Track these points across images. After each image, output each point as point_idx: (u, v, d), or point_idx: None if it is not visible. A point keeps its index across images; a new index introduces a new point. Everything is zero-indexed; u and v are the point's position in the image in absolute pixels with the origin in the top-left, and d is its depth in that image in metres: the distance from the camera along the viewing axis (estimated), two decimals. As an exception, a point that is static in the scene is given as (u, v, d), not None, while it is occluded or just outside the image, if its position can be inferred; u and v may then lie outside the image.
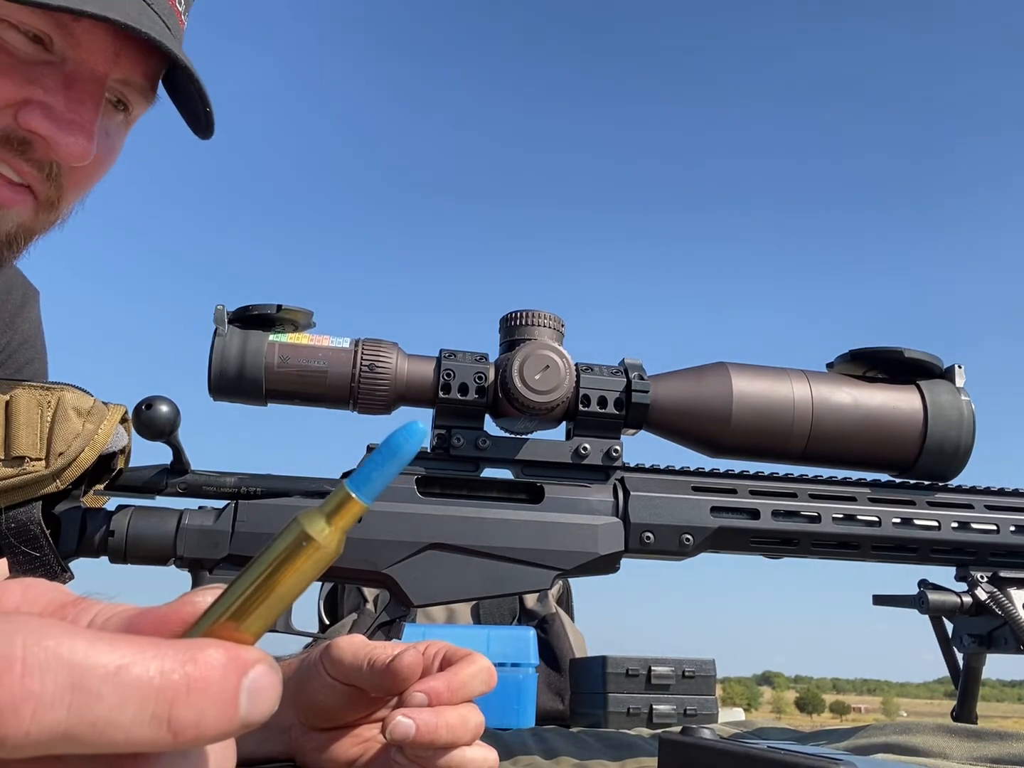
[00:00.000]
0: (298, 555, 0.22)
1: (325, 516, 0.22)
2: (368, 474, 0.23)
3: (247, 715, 0.20)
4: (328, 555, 0.22)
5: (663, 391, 0.67)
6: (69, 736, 0.18)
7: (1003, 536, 0.69)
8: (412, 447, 0.23)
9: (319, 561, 0.22)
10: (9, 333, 0.88)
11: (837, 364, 0.72)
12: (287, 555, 0.22)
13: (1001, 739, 0.59)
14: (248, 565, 0.22)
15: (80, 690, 0.18)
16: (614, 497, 0.65)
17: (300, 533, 0.22)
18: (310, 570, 0.22)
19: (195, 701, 0.19)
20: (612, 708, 1.16)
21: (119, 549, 0.58)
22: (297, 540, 0.22)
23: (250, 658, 0.21)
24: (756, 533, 0.66)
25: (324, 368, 0.62)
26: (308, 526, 0.22)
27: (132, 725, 0.19)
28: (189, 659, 0.20)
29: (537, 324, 0.66)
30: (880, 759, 0.58)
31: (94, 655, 0.19)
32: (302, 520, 0.22)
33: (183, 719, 0.19)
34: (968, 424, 0.69)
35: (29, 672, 0.18)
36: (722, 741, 0.44)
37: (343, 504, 0.22)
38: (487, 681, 0.49)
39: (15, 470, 0.54)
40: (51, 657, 0.18)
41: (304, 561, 0.22)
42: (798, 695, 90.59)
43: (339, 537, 0.22)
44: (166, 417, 0.55)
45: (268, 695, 0.21)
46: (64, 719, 0.18)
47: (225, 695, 0.20)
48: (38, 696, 0.18)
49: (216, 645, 0.21)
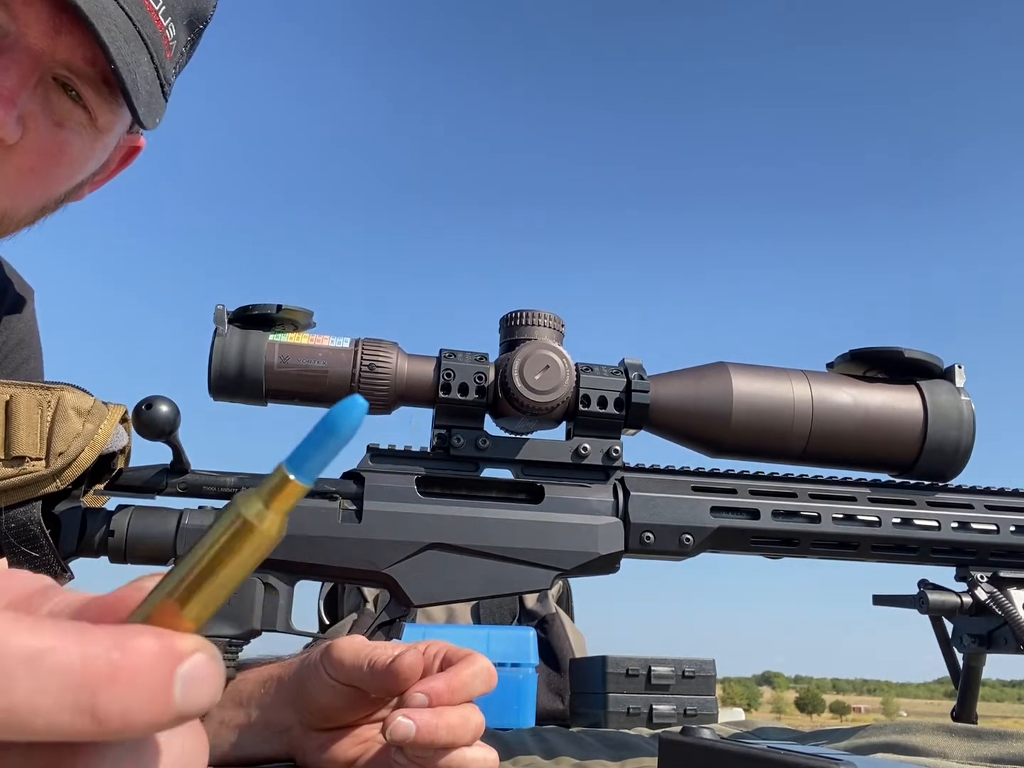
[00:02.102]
0: (236, 539, 0.21)
1: (262, 499, 0.21)
2: (305, 453, 0.21)
3: (182, 706, 0.19)
4: (269, 539, 0.21)
5: (663, 391, 0.67)
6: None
7: (1003, 536, 0.69)
8: (352, 423, 0.21)
9: (259, 546, 0.21)
10: (4, 333, 0.87)
11: (837, 364, 0.72)
12: (225, 539, 0.21)
13: (1001, 739, 0.59)
14: (188, 549, 0.21)
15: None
16: (614, 497, 0.65)
17: (236, 516, 0.21)
18: (250, 555, 0.21)
19: (121, 690, 0.18)
20: (612, 708, 1.16)
21: (119, 549, 0.58)
22: (234, 523, 0.21)
23: (186, 647, 0.20)
24: (756, 533, 0.66)
25: (324, 368, 0.62)
26: (245, 509, 0.21)
27: (52, 712, 0.18)
28: (116, 646, 0.19)
29: (537, 324, 0.66)
30: (880, 759, 0.58)
31: (15, 638, 0.18)
32: (239, 503, 0.21)
33: (108, 708, 0.18)
34: (968, 424, 0.70)
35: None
36: (722, 741, 0.44)
37: (281, 486, 0.21)
38: (487, 681, 0.49)
39: (15, 470, 0.54)
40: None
41: (242, 545, 0.21)
42: (798, 695, 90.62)
43: (280, 519, 0.21)
44: (166, 417, 0.55)
45: (206, 685, 0.20)
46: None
47: (156, 684, 0.19)
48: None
49: (149, 632, 0.20)
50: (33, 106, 0.62)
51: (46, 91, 0.63)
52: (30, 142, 0.63)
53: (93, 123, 0.66)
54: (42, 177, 0.66)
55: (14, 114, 0.59)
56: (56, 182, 0.68)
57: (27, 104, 0.61)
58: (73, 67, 0.62)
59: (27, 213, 0.69)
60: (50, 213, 0.73)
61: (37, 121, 0.62)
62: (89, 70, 0.62)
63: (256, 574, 0.59)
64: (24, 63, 0.59)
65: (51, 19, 0.58)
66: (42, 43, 0.59)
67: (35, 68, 0.60)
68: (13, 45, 0.58)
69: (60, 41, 0.60)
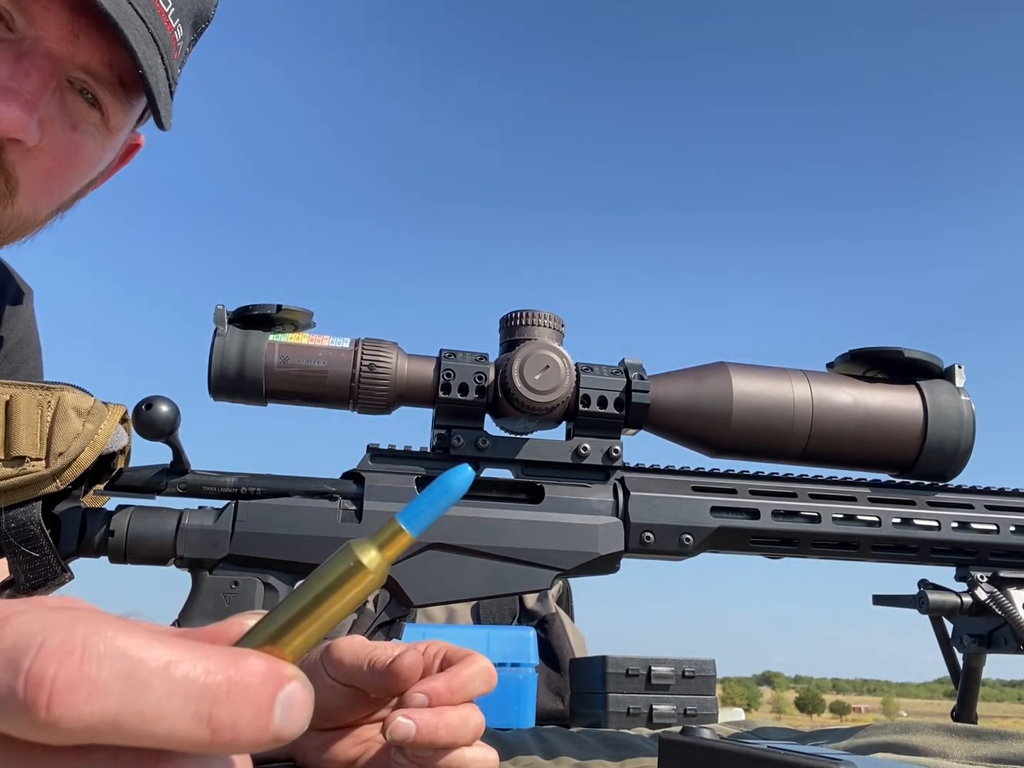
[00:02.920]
0: (348, 581, 0.23)
1: (376, 546, 0.24)
2: (419, 509, 0.24)
3: (280, 726, 0.21)
4: (375, 582, 0.23)
5: (663, 391, 0.67)
6: (117, 724, 0.19)
7: (1003, 536, 0.69)
8: (461, 487, 0.25)
9: (366, 587, 0.23)
10: (3, 332, 0.87)
11: (837, 364, 0.72)
12: (338, 580, 0.23)
13: (1001, 739, 0.59)
14: (298, 587, 0.23)
15: (132, 679, 0.19)
16: (614, 497, 0.65)
17: (352, 560, 0.23)
18: (357, 596, 0.23)
19: (234, 703, 0.20)
20: (612, 708, 1.16)
21: (119, 549, 0.58)
22: (348, 566, 0.23)
23: (287, 673, 0.22)
24: (756, 533, 0.66)
25: (324, 368, 0.62)
26: (360, 553, 0.23)
27: (175, 718, 0.20)
28: (232, 663, 0.21)
29: (537, 324, 0.66)
30: (880, 759, 0.58)
31: (148, 649, 0.20)
32: (354, 548, 0.23)
33: (222, 718, 0.20)
34: (968, 424, 0.70)
35: (88, 659, 0.19)
36: (722, 741, 0.44)
37: (394, 536, 0.24)
38: (487, 681, 0.49)
39: (15, 470, 0.54)
40: (109, 647, 0.19)
41: (353, 587, 0.23)
42: (798, 695, 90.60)
43: (386, 566, 0.24)
44: (166, 417, 0.55)
45: (301, 711, 0.21)
46: (114, 706, 0.19)
47: (262, 703, 0.21)
48: (94, 681, 0.19)
49: (257, 655, 0.21)
50: (52, 109, 0.62)
51: (63, 94, 0.63)
52: (48, 144, 0.63)
53: (106, 124, 0.67)
54: (59, 178, 0.67)
55: (36, 117, 0.60)
56: (71, 183, 0.69)
57: (46, 107, 0.62)
58: (91, 70, 0.62)
59: (46, 215, 0.70)
60: (63, 213, 0.73)
61: (55, 124, 0.63)
62: (106, 72, 0.63)
63: (256, 574, 0.59)
64: (44, 67, 0.59)
65: (70, 23, 0.59)
66: (61, 47, 0.60)
67: (55, 72, 0.60)
68: (33, 49, 0.59)
69: (79, 45, 0.60)
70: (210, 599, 0.58)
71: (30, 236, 0.72)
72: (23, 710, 0.18)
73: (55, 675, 0.19)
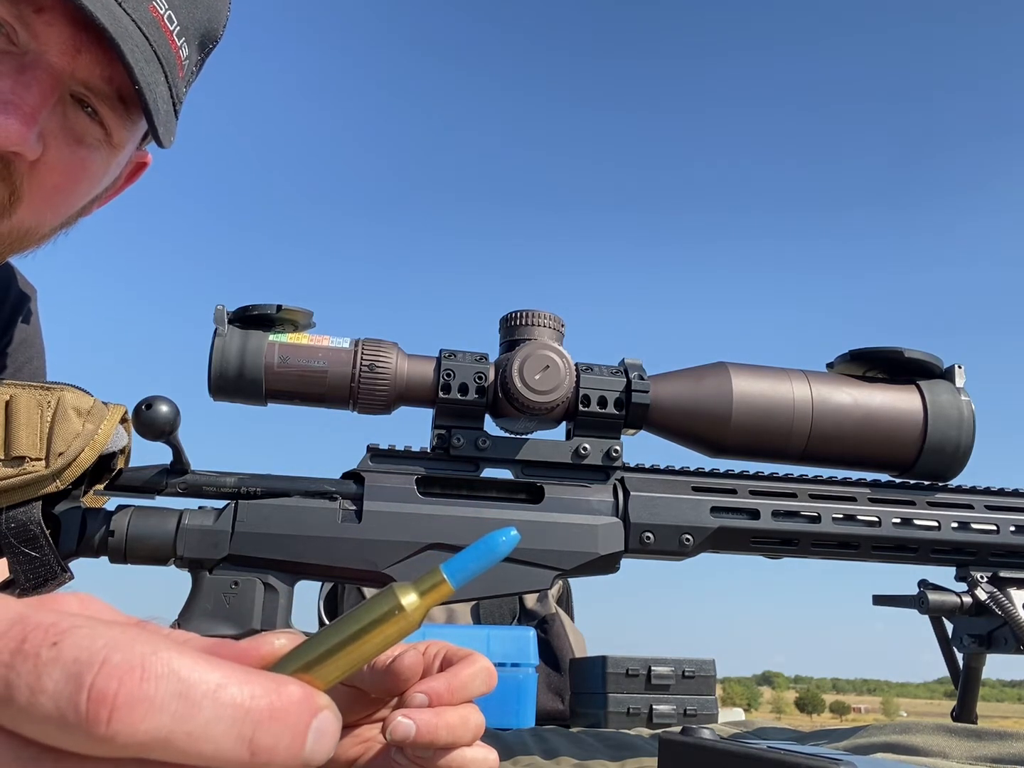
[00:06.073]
0: (387, 620, 0.24)
1: (418, 592, 0.25)
2: (463, 564, 0.26)
3: (311, 752, 0.22)
4: (411, 625, 0.25)
5: (663, 391, 0.67)
6: (168, 741, 0.20)
7: (1003, 536, 0.69)
8: (505, 548, 0.26)
9: (403, 629, 0.25)
10: (8, 332, 0.88)
11: (837, 364, 0.72)
12: (378, 619, 0.24)
13: (1001, 739, 0.59)
14: (337, 620, 0.25)
15: (185, 700, 0.20)
16: (614, 497, 0.65)
17: (394, 603, 0.24)
18: (393, 636, 0.24)
19: (275, 728, 0.21)
20: (612, 708, 1.16)
21: (119, 549, 0.58)
22: (390, 608, 0.24)
23: (321, 703, 0.23)
24: (756, 533, 0.66)
25: (324, 368, 0.62)
26: (402, 597, 0.25)
27: (221, 739, 0.20)
28: (274, 689, 0.22)
29: (537, 324, 0.66)
30: (880, 759, 0.58)
31: (199, 672, 0.21)
32: (397, 591, 0.25)
33: (262, 742, 0.21)
34: (968, 424, 0.70)
35: (147, 678, 0.20)
36: (722, 741, 0.44)
37: (436, 585, 0.26)
38: (487, 681, 0.49)
39: (15, 470, 0.54)
40: (166, 667, 0.20)
41: (390, 627, 0.24)
42: (798, 695, 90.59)
43: (424, 612, 0.25)
44: (166, 417, 0.55)
45: (330, 740, 0.22)
46: (167, 724, 0.20)
47: (298, 730, 0.22)
48: (151, 699, 0.20)
49: (296, 683, 0.22)
50: (53, 123, 0.62)
51: (64, 108, 0.63)
52: (53, 159, 0.64)
53: (109, 140, 0.67)
54: (66, 194, 0.67)
55: (35, 130, 0.60)
56: (77, 198, 0.69)
57: (47, 121, 0.62)
58: (91, 85, 0.62)
59: (49, 230, 0.70)
60: (67, 229, 0.74)
61: (57, 138, 0.63)
62: (106, 88, 0.63)
63: (256, 574, 0.59)
64: (45, 81, 0.59)
65: (72, 37, 0.59)
66: (63, 61, 0.60)
67: (56, 86, 0.61)
68: (34, 63, 0.59)
69: (80, 59, 0.60)
70: (210, 599, 0.58)
71: (32, 250, 0.72)
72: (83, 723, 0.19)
73: (116, 692, 0.19)
